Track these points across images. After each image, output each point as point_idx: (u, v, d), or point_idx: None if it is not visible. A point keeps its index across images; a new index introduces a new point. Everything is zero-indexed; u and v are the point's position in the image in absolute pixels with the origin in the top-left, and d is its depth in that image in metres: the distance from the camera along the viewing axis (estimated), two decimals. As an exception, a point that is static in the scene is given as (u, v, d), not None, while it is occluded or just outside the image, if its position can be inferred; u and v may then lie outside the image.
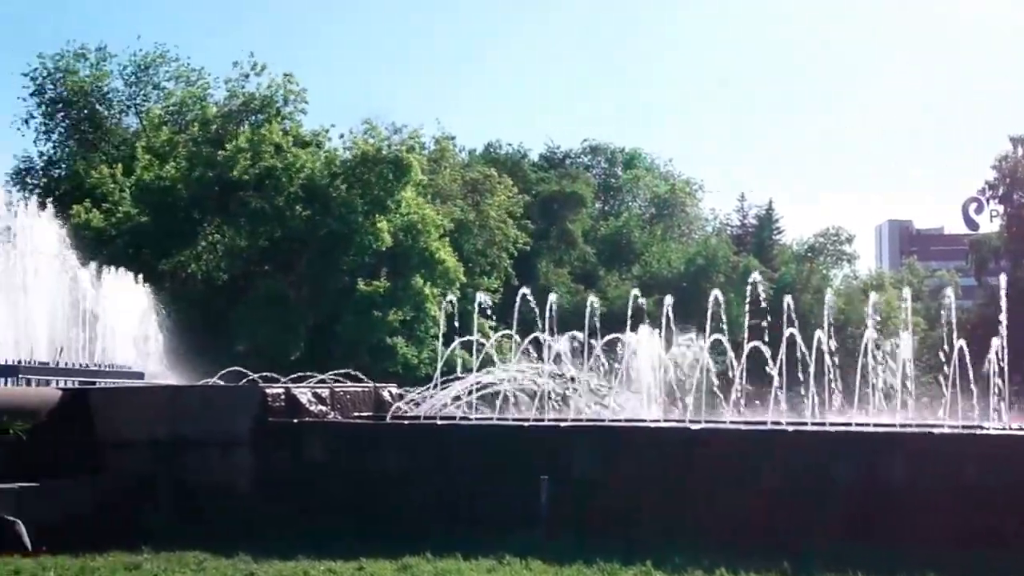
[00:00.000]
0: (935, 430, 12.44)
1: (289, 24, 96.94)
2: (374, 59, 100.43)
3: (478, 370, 15.44)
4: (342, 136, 43.82)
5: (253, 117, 44.96)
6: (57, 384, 16.11)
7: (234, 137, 40.82)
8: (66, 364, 17.50)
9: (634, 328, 15.76)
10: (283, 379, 16.54)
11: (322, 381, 16.08)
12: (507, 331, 16.62)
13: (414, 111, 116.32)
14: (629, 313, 16.10)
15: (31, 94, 55.62)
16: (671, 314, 15.40)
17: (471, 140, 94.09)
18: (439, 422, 13.97)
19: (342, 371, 17.35)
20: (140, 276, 24.48)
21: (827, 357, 14.47)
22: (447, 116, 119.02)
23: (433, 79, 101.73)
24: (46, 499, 12.47)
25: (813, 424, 13.67)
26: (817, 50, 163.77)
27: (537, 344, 15.69)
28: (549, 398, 14.89)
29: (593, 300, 17.29)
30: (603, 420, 13.84)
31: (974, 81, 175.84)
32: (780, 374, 14.12)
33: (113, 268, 22.21)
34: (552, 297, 16.66)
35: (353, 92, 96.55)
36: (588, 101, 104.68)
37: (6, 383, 15.71)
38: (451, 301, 20.67)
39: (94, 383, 16.74)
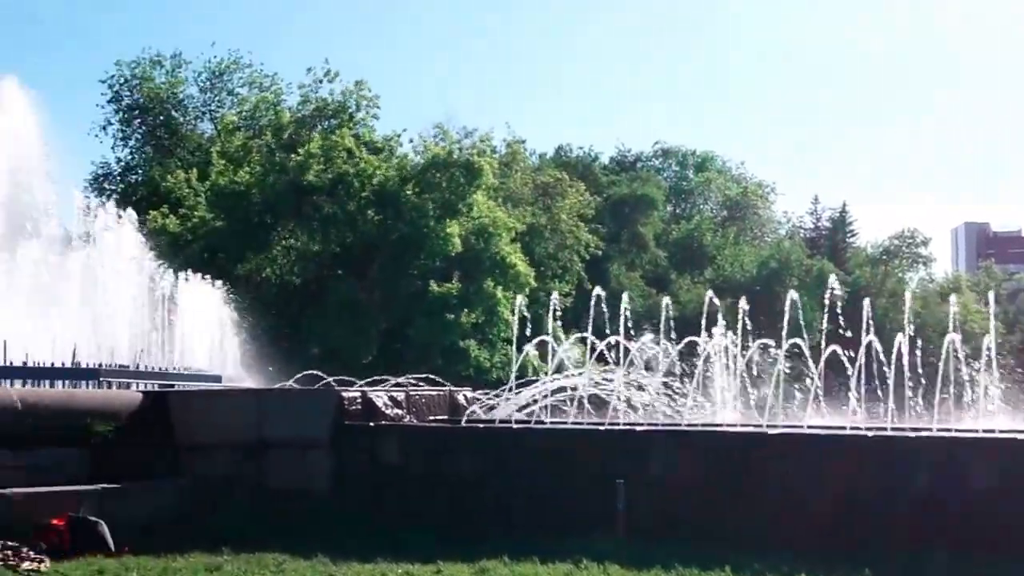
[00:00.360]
0: (1020, 435, 12.22)
1: (362, 30, 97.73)
2: (446, 64, 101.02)
3: (552, 373, 15.43)
4: (411, 141, 44.04)
5: (326, 123, 45.28)
6: (137, 387, 16.32)
7: (307, 142, 41.14)
8: (146, 367, 17.69)
9: (708, 331, 15.68)
10: (357, 382, 16.64)
11: (399, 384, 16.16)
12: (581, 334, 16.59)
13: (485, 115, 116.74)
14: (704, 316, 16.01)
15: (108, 101, 56.44)
16: (747, 319, 15.31)
17: (542, 144, 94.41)
18: (514, 426, 13.97)
19: (418, 375, 17.41)
20: (216, 280, 24.74)
21: (906, 361, 14.30)
22: (518, 119, 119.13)
23: (504, 83, 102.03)
24: (128, 500, 12.66)
25: (893, 429, 13.51)
26: (892, 52, 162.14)
27: (611, 347, 15.64)
28: (623, 402, 14.83)
29: (667, 303, 17.23)
30: (679, 424, 13.76)
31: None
32: (858, 378, 13.98)
33: (190, 272, 22.43)
34: (625, 299, 16.60)
35: (425, 97, 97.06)
36: (660, 104, 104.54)
37: (88, 386, 15.93)
38: (523, 305, 20.65)
39: (173, 386, 16.93)
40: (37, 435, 13.08)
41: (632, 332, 15.85)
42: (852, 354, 14.08)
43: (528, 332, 18.02)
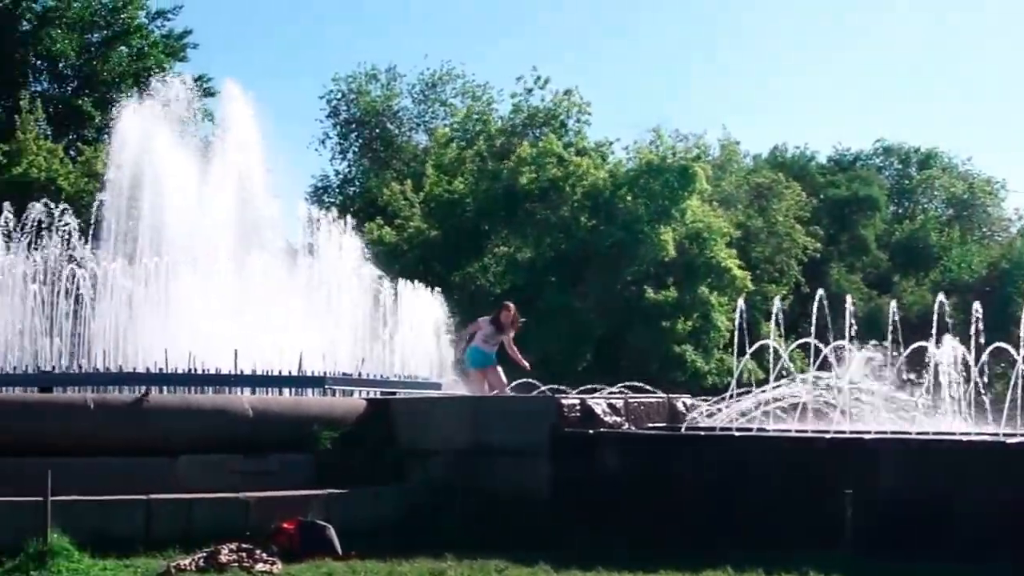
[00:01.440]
0: None
1: (573, 36, 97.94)
2: (658, 67, 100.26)
3: (773, 380, 15.11)
4: (627, 148, 43.99)
5: (537, 131, 45.60)
6: (360, 394, 16.67)
7: (518, 150, 41.50)
8: (368, 375, 18.06)
9: (938, 337, 15.10)
10: (572, 390, 16.62)
11: (620, 391, 16.10)
12: (803, 339, 16.20)
13: (699, 117, 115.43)
14: (935, 321, 15.44)
15: (327, 116, 58.18)
16: (981, 325, 14.71)
17: (756, 144, 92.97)
18: (736, 433, 13.73)
19: (633, 383, 17.29)
20: (432, 289, 25.12)
21: None
22: (732, 119, 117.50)
23: (718, 84, 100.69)
24: (353, 505, 12.94)
25: None
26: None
27: (834, 353, 15.23)
28: (848, 410, 14.42)
29: (893, 306, 16.69)
30: (909, 433, 13.29)
31: None
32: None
33: (407, 281, 22.83)
34: (849, 302, 16.16)
35: (638, 102, 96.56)
36: (879, 100, 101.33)
37: (314, 393, 16.35)
38: (741, 311, 20.33)
39: (394, 393, 17.24)
40: (266, 441, 13.52)
41: (855, 336, 15.40)
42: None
43: (745, 337, 17.71)
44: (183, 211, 22.04)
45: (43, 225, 20.30)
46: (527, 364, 18.85)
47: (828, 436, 13.02)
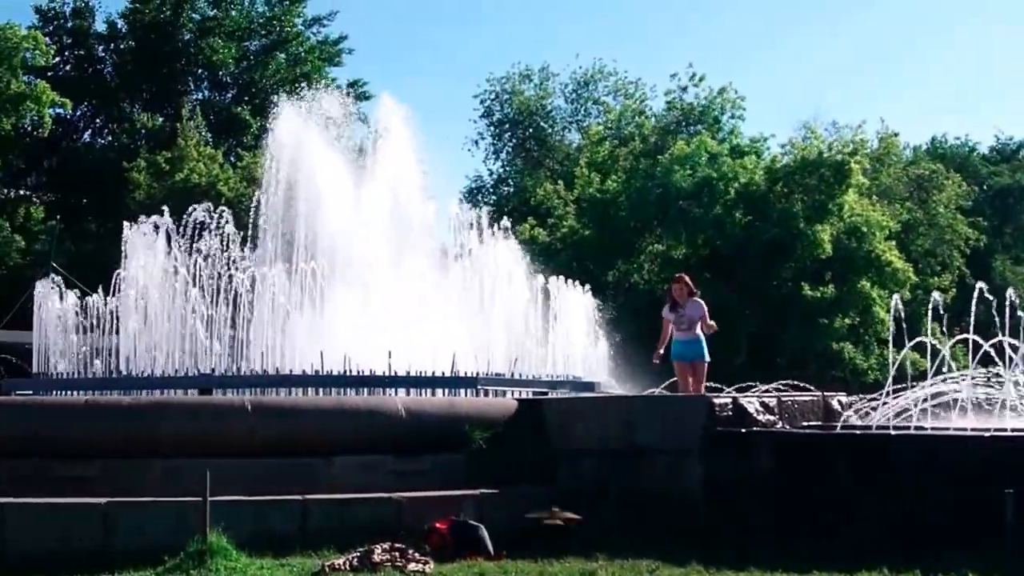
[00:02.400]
0: None
1: (726, 31, 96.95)
2: (814, 60, 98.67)
3: (932, 376, 14.69)
4: (783, 146, 43.45)
5: (691, 128, 45.33)
6: (512, 394, 16.72)
7: (671, 148, 41.28)
8: (520, 375, 18.12)
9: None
10: (726, 388, 16.40)
11: (777, 389, 15.85)
12: (964, 335, 15.70)
13: (855, 109, 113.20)
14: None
15: (480, 116, 58.66)
16: None
17: (915, 135, 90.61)
18: (892, 432, 13.37)
19: (790, 381, 17.00)
20: (586, 288, 25.10)
21: None
22: (890, 111, 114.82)
23: (875, 75, 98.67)
24: (505, 505, 12.97)
25: None
26: None
27: (997, 348, 14.73)
28: (1012, 406, 13.93)
29: (1062, 300, 16.06)
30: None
31: None
32: None
33: (560, 281, 22.83)
34: (1010, 295, 15.61)
35: (793, 96, 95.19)
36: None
37: (466, 394, 16.47)
38: (898, 307, 19.81)
39: (546, 393, 17.25)
40: (419, 441, 13.65)
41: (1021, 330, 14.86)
42: None
43: (904, 332, 17.24)
44: (338, 214, 22.45)
45: (203, 229, 20.84)
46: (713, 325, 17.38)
47: (987, 435, 12.60)
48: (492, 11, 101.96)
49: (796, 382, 16.82)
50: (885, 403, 14.54)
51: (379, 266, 20.54)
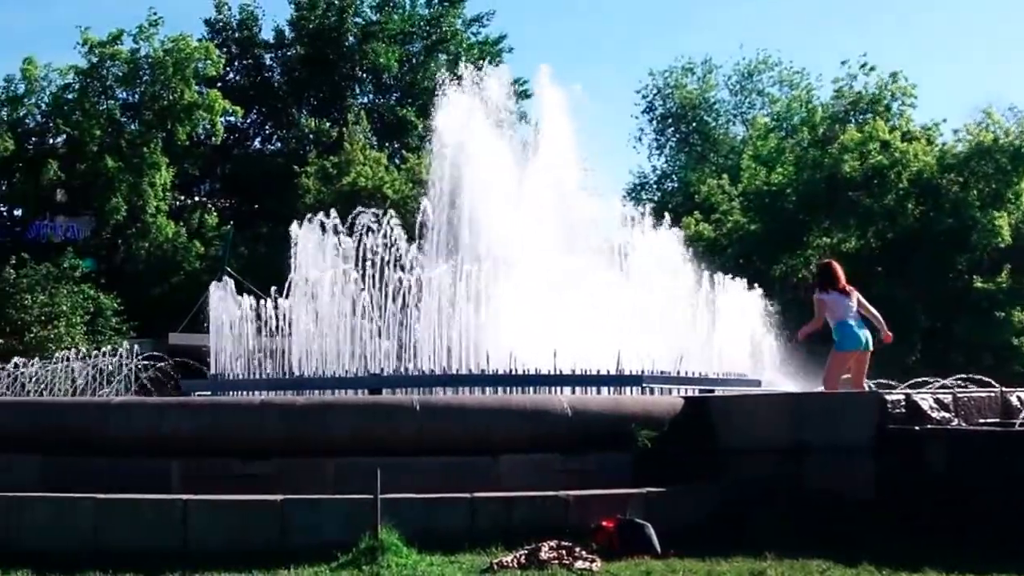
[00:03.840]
0: None
1: (896, 18, 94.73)
2: (991, 43, 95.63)
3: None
4: (956, 132, 42.25)
5: (860, 117, 44.44)
6: (678, 392, 16.62)
7: (841, 137, 40.54)
8: (686, 373, 18.00)
9: None
10: (898, 385, 16.03)
11: (943, 386, 15.42)
12: None
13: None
14: None
15: (643, 111, 58.45)
16: None
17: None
18: (1078, 429, 12.91)
19: (966, 376, 16.53)
20: (752, 284, 24.82)
21: None
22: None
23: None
24: (671, 504, 12.91)
25: None
26: None
27: None
28: None
29: None
30: None
31: None
32: None
33: (726, 276, 22.60)
34: None
35: (967, 82, 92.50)
36: None
37: (631, 392, 16.43)
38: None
39: (712, 391, 17.10)
40: (584, 440, 13.67)
41: None
42: None
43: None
44: (502, 212, 22.61)
45: (370, 230, 21.19)
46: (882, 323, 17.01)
47: None
48: (652, 6, 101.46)
49: (974, 376, 16.31)
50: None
51: (543, 264, 20.58)
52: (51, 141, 51.44)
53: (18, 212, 52.46)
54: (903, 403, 13.51)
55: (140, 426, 13.51)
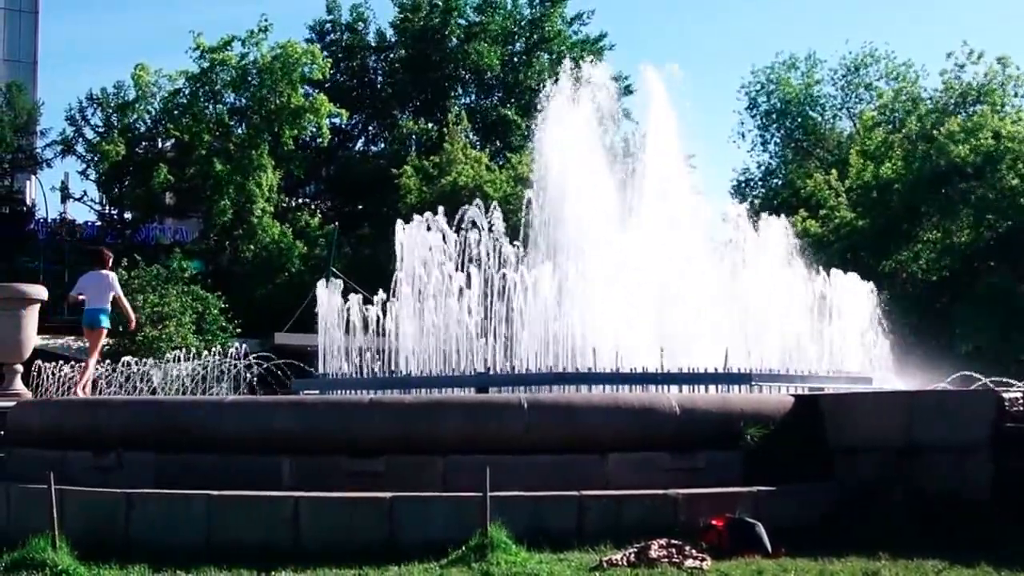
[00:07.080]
0: None
1: (1000, 4, 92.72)
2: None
3: None
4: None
5: (969, 108, 43.59)
6: (787, 390, 16.43)
7: (947, 124, 39.77)
8: (795, 371, 17.78)
9: None
10: (1016, 382, 15.68)
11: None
12: None
13: None
14: None
15: (745, 108, 57.93)
16: None
17: None
18: None
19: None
20: (861, 280, 24.47)
21: None
22: None
23: None
24: (781, 503, 12.78)
25: None
26: None
27: None
28: None
29: None
30: None
31: None
32: None
33: (836, 273, 22.29)
34: None
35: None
36: None
37: (740, 390, 16.27)
38: None
39: (822, 389, 16.88)
40: (692, 438, 13.56)
41: None
42: None
43: None
44: (606, 210, 22.54)
45: (474, 225, 21.25)
46: None
47: None
48: (756, 3, 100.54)
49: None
50: None
51: (648, 262, 20.47)
52: (161, 145, 52.50)
53: (128, 215, 53.56)
54: (1021, 401, 13.21)
55: (253, 424, 13.71)
